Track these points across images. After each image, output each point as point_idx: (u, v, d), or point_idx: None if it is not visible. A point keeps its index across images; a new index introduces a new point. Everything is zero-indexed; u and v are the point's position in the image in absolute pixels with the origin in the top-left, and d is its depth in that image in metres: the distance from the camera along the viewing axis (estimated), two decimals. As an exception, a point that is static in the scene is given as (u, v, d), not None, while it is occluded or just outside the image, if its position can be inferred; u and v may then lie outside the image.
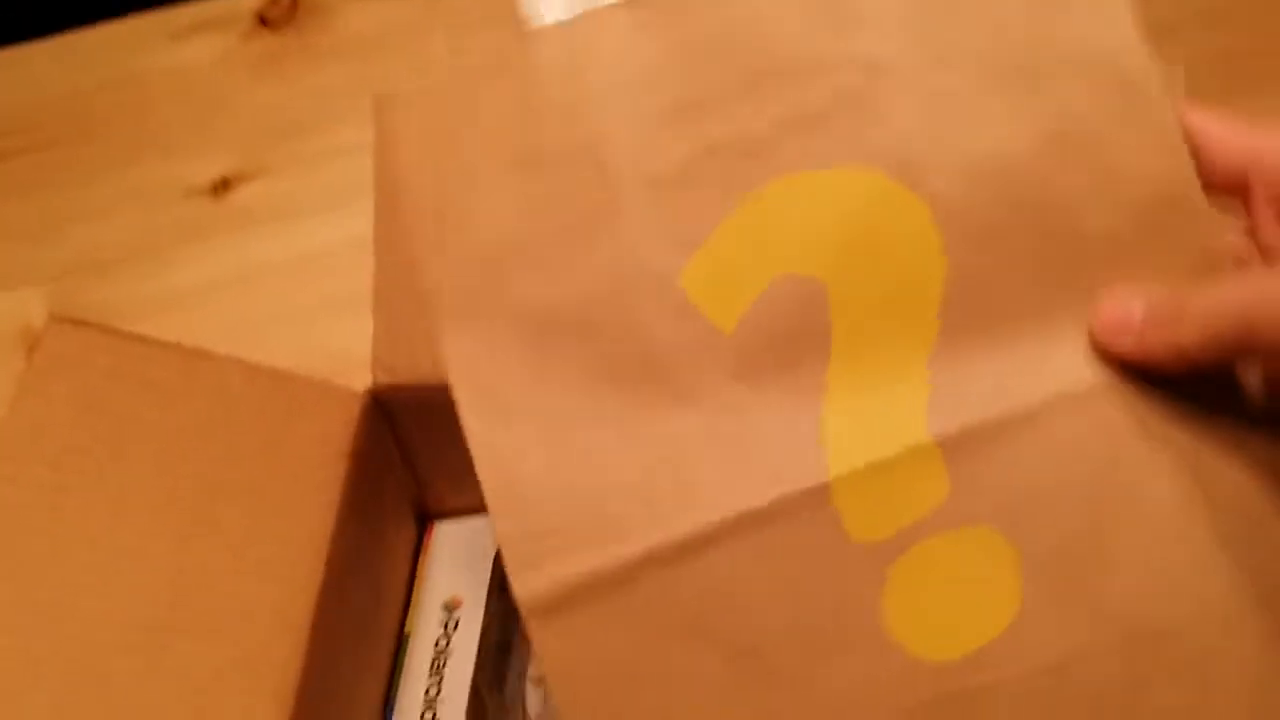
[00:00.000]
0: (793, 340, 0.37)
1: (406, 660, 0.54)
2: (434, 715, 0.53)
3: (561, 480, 0.37)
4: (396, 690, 0.54)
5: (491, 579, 0.56)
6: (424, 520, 0.59)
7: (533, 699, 0.54)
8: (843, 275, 0.37)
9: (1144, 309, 0.35)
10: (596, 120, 0.37)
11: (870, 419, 0.37)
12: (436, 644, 0.54)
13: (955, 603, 0.36)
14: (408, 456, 0.56)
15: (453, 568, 0.57)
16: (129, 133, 0.76)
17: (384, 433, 0.54)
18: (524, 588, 0.37)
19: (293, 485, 0.50)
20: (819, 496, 0.36)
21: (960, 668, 0.36)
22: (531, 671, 0.54)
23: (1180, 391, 0.36)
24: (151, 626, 0.46)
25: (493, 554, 0.57)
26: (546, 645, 0.37)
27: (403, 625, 0.56)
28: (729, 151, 0.37)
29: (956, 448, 0.36)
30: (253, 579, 0.48)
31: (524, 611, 0.37)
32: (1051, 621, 0.36)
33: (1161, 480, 0.36)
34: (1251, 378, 0.36)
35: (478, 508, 0.58)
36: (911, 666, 0.36)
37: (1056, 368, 0.36)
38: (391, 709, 0.53)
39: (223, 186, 0.75)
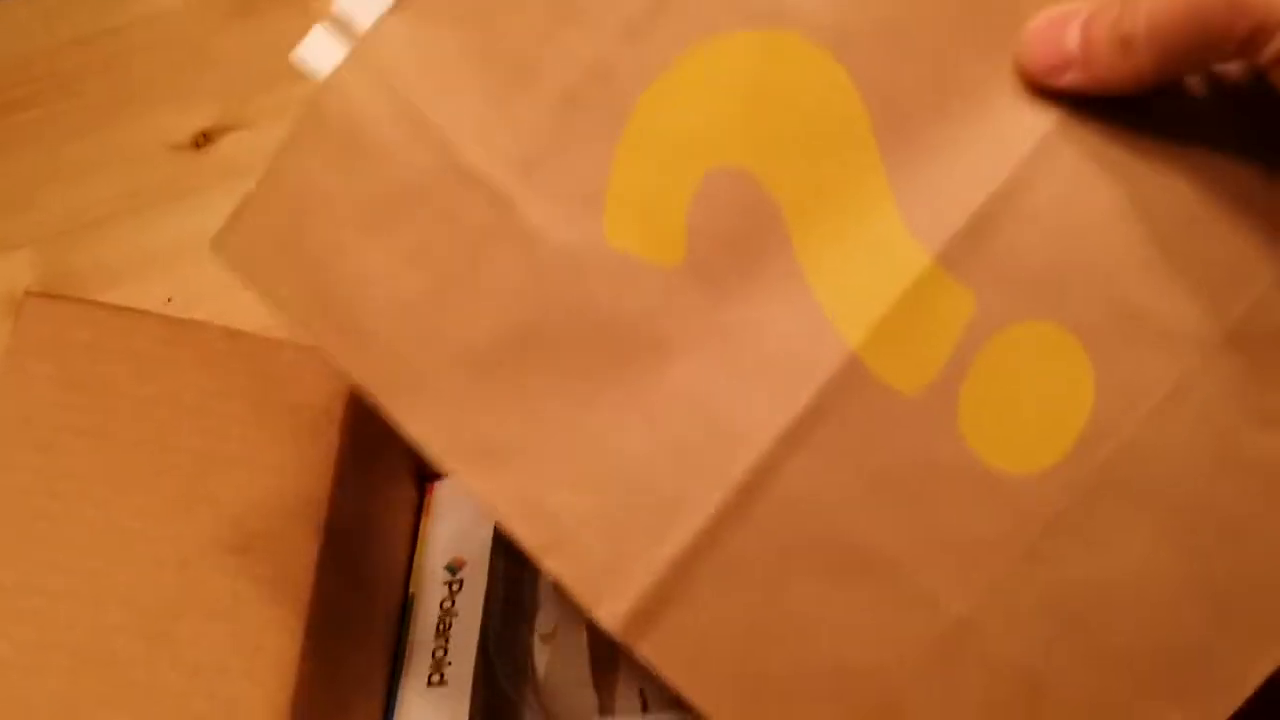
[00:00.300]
0: (747, 236, 0.35)
1: (412, 623, 0.54)
2: (442, 678, 0.52)
3: (596, 491, 0.35)
4: (403, 654, 0.53)
5: (495, 537, 0.55)
6: (424, 479, 0.59)
7: (540, 657, 0.53)
8: (762, 149, 0.34)
9: (1079, 37, 0.33)
10: (437, 136, 0.34)
11: (862, 271, 0.34)
12: (442, 605, 0.54)
13: (1037, 400, 0.35)
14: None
15: (455, 527, 0.56)
16: (107, 88, 0.74)
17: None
18: (610, 617, 0.35)
19: (286, 453, 0.49)
20: (853, 370, 0.34)
21: (1072, 461, 0.35)
22: (539, 629, 0.54)
23: (1128, 109, 0.34)
24: (154, 608, 0.45)
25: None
26: (658, 658, 0.35)
27: (406, 587, 0.55)
28: (585, 88, 0.34)
29: (958, 255, 0.34)
30: (251, 553, 0.47)
31: (621, 638, 0.35)
32: (1133, 368, 0.35)
33: (1133, 209, 0.34)
34: (1194, 81, 0.34)
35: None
36: (1023, 485, 0.35)
37: (1009, 134, 0.34)
38: (399, 673, 0.53)
39: (205, 139, 0.73)
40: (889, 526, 0.35)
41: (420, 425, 0.35)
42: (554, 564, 0.35)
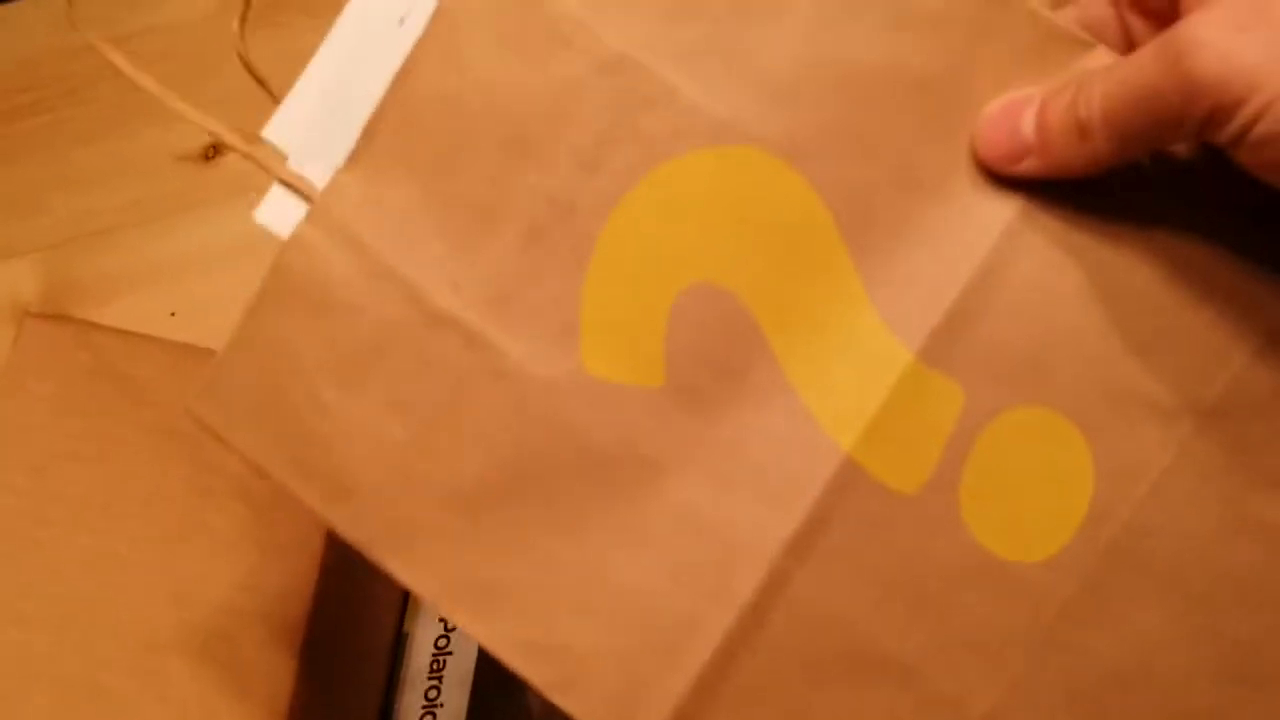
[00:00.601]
0: (727, 350, 0.34)
1: (406, 661, 0.53)
2: (434, 718, 0.51)
3: (602, 624, 0.34)
4: (396, 692, 0.52)
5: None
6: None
7: (536, 698, 0.52)
8: (731, 263, 0.34)
9: (1035, 123, 0.33)
10: (403, 284, 0.34)
11: (847, 374, 0.34)
12: (436, 643, 0.53)
13: (1038, 486, 0.34)
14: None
15: (453, 562, 0.55)
16: (118, 95, 0.73)
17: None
18: None
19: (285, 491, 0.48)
20: (850, 474, 0.34)
21: (1079, 544, 0.34)
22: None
23: (1088, 191, 0.34)
24: (145, 642, 0.44)
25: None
26: None
27: (401, 624, 0.54)
28: (547, 222, 0.34)
29: (940, 349, 0.34)
30: (245, 587, 0.46)
31: None
32: (1129, 446, 0.34)
33: (1103, 291, 0.34)
34: (1151, 160, 0.34)
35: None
36: (1033, 572, 0.34)
37: (975, 223, 0.34)
38: (390, 712, 0.52)
39: (214, 152, 0.72)
40: (905, 630, 0.34)
41: (414, 574, 0.35)
42: (567, 702, 0.34)
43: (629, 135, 0.34)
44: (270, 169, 0.35)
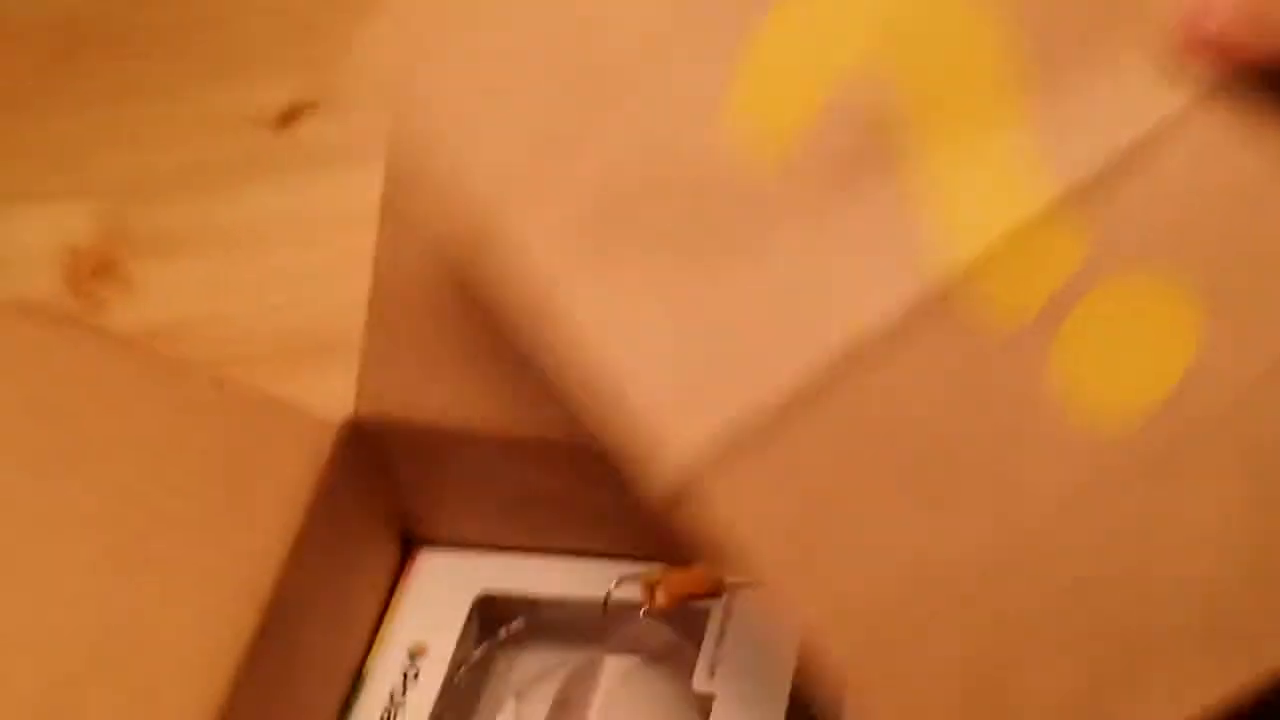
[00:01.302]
0: (874, 139, 0.35)
1: (357, 705, 0.51)
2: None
3: (685, 336, 0.35)
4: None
5: (464, 629, 0.52)
6: (410, 546, 0.55)
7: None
8: (900, 58, 0.35)
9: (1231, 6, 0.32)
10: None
11: (986, 189, 0.34)
12: (392, 696, 0.50)
13: (1131, 354, 0.34)
14: (393, 482, 0.52)
15: (427, 608, 0.53)
16: (194, 48, 0.72)
17: (361, 465, 0.49)
18: (672, 456, 0.34)
19: (245, 521, 0.46)
20: (953, 292, 0.34)
21: (1169, 413, 0.34)
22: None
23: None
24: (62, 680, 0.42)
25: (471, 600, 0.52)
26: (710, 508, 0.34)
27: (363, 662, 0.52)
28: None
29: (1084, 196, 0.34)
30: (183, 629, 0.44)
31: (676, 482, 0.34)
32: (1250, 329, 0.34)
33: (1266, 189, 0.34)
34: None
35: (472, 541, 0.54)
36: (1100, 442, 0.34)
37: (1157, 91, 0.34)
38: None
39: (290, 117, 0.70)
40: (964, 452, 0.34)
41: (527, 246, 0.35)
42: (631, 398, 0.34)
43: None
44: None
